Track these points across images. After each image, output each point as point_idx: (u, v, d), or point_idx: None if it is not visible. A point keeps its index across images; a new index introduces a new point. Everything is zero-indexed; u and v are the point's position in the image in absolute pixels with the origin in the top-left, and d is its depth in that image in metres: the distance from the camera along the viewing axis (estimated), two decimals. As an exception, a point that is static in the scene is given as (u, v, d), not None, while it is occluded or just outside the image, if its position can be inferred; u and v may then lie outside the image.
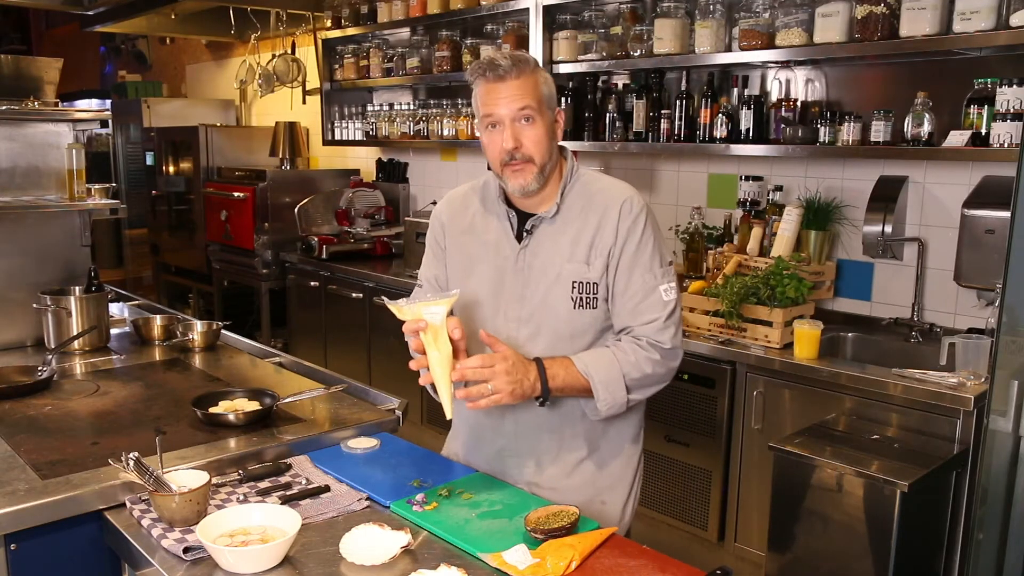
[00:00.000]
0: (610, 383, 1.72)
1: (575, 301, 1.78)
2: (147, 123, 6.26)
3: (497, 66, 1.71)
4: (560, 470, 1.85)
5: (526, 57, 1.75)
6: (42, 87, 3.57)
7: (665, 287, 1.78)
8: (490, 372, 1.63)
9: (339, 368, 2.63)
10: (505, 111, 1.71)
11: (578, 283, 1.77)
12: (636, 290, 1.77)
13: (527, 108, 1.71)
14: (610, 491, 1.89)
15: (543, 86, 1.75)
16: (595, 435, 1.86)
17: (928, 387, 2.44)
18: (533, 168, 1.74)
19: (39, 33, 9.59)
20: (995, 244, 2.60)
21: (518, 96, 1.71)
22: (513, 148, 1.72)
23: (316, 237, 4.80)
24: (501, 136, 1.73)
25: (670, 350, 1.78)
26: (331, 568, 1.41)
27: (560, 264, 1.78)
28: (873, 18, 2.71)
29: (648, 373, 1.75)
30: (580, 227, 1.79)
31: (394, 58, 4.73)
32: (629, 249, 1.77)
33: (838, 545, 2.42)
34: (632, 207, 1.79)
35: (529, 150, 1.73)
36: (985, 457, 2.05)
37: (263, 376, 2.48)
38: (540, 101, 1.74)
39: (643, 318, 1.77)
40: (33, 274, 2.80)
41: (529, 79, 1.72)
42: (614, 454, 1.89)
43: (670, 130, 3.44)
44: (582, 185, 1.83)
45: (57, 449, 1.84)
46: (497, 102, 1.72)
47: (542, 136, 1.74)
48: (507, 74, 1.71)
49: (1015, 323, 1.96)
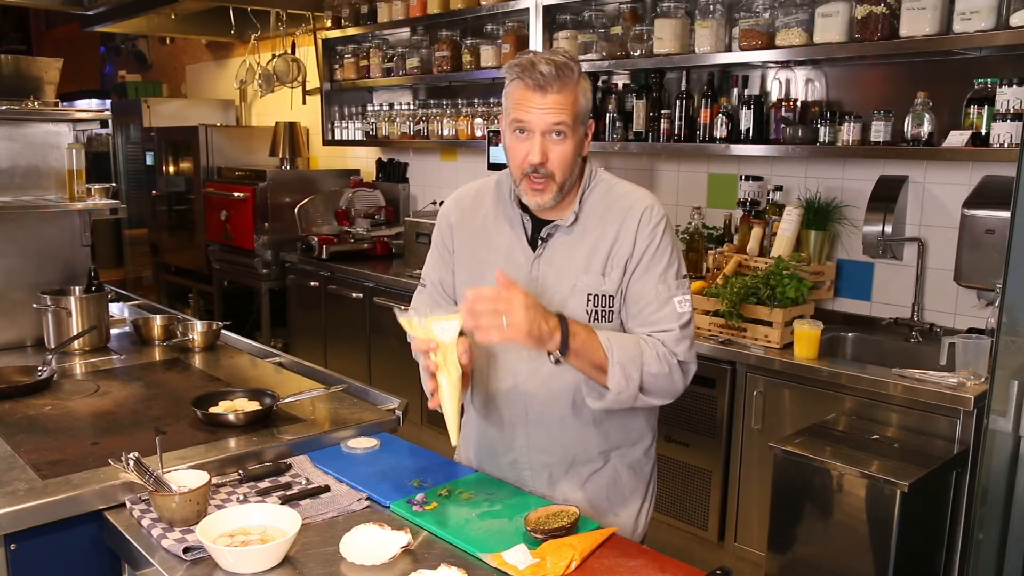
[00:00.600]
0: (628, 366, 1.61)
1: (590, 314, 1.72)
2: (147, 123, 6.26)
3: (540, 73, 1.59)
4: (573, 483, 1.82)
5: (571, 65, 1.63)
6: (42, 87, 3.56)
7: (680, 299, 1.71)
8: (506, 305, 1.50)
9: (339, 368, 2.63)
10: (539, 123, 1.62)
11: (594, 296, 1.72)
12: (650, 299, 1.71)
13: (562, 124, 1.62)
14: (623, 504, 1.86)
15: (582, 99, 1.65)
16: (608, 448, 1.83)
17: (928, 387, 2.44)
18: (553, 186, 1.66)
19: (39, 33, 9.59)
20: (995, 244, 2.60)
21: (555, 110, 1.61)
22: (539, 163, 1.63)
23: (316, 237, 4.80)
24: (528, 145, 1.64)
25: (683, 363, 1.71)
26: (331, 568, 1.41)
27: (576, 275, 1.72)
28: (873, 18, 2.71)
29: (666, 374, 1.67)
30: (598, 237, 1.73)
31: (394, 58, 4.73)
32: (646, 258, 1.71)
33: (838, 545, 2.42)
34: (652, 216, 1.73)
35: (554, 167, 1.64)
36: (985, 457, 2.05)
37: (263, 376, 2.48)
38: (576, 117, 1.64)
39: (658, 327, 1.70)
40: (33, 274, 2.80)
41: (570, 93, 1.62)
42: (627, 467, 1.86)
43: (670, 130, 3.44)
44: (601, 191, 1.77)
45: (57, 449, 1.84)
46: (531, 111, 1.61)
47: (570, 154, 1.65)
48: (548, 85, 1.60)
49: (1015, 323, 1.96)
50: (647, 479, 1.92)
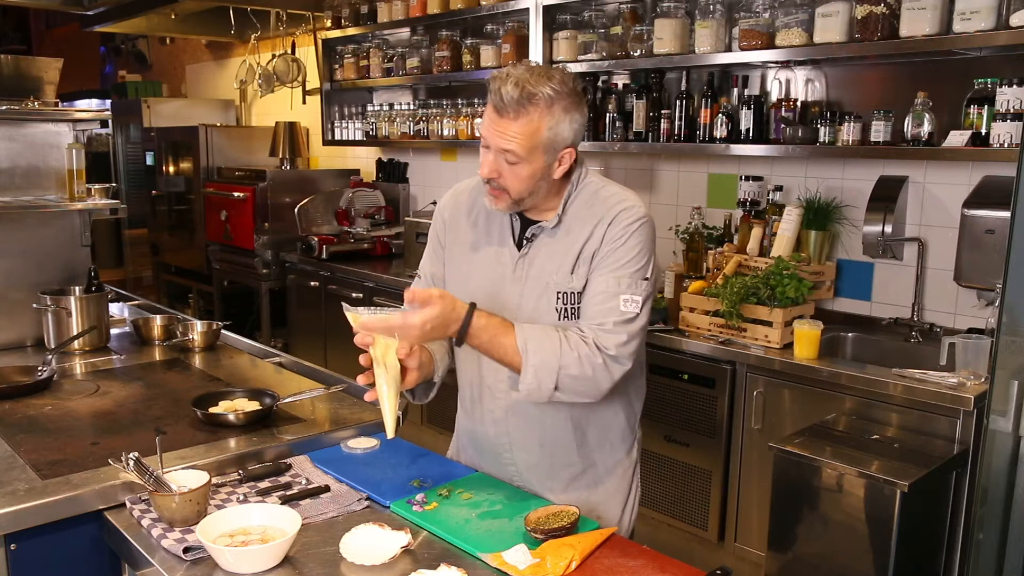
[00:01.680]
0: (540, 370, 1.63)
1: (559, 312, 1.74)
2: (147, 123, 6.26)
3: (500, 96, 1.61)
4: (556, 484, 1.85)
5: (539, 94, 1.61)
6: (42, 87, 3.56)
7: (627, 297, 1.69)
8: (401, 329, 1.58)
9: (339, 368, 2.62)
10: (495, 141, 1.66)
11: (562, 293, 1.74)
12: (597, 292, 1.71)
13: (510, 152, 1.64)
14: (604, 505, 1.88)
15: (546, 132, 1.63)
16: (588, 450, 1.85)
17: (928, 387, 2.44)
18: (507, 198, 1.70)
19: (39, 33, 9.59)
20: (995, 244, 2.60)
21: (508, 137, 1.63)
22: (489, 177, 1.69)
23: (316, 237, 4.80)
24: (485, 158, 1.69)
25: (612, 357, 1.67)
26: (331, 568, 1.41)
27: (550, 274, 1.75)
28: (873, 18, 2.71)
29: (588, 376, 1.66)
30: (576, 237, 1.75)
31: (394, 58, 4.73)
32: (605, 251, 1.72)
33: (838, 545, 2.42)
34: (627, 216, 1.72)
35: (506, 183, 1.68)
36: (985, 457, 2.05)
37: (263, 376, 2.48)
38: (534, 147, 1.64)
39: (595, 320, 1.70)
40: (33, 274, 2.80)
41: (529, 124, 1.62)
42: (609, 469, 1.89)
43: (670, 130, 3.44)
44: (588, 195, 1.77)
45: (57, 449, 1.84)
46: (488, 128, 1.66)
47: (524, 176, 1.67)
48: (504, 111, 1.62)
49: (1015, 323, 1.96)
50: (629, 481, 1.93)
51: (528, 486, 1.84)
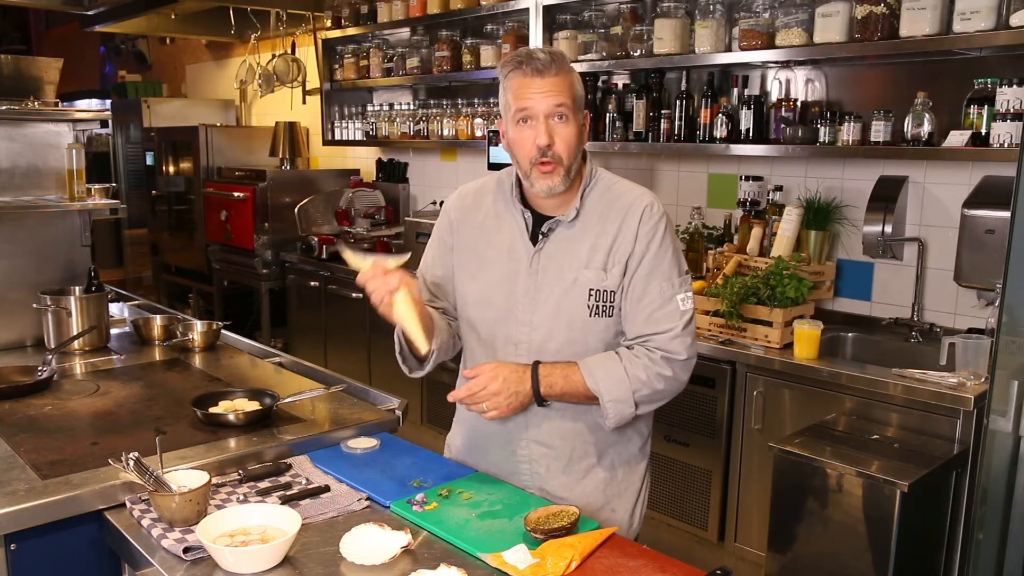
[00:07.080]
0: (619, 401, 1.72)
1: (591, 309, 1.76)
2: (147, 123, 6.26)
3: (536, 59, 1.66)
4: (571, 478, 1.84)
5: (563, 54, 1.72)
6: (42, 87, 3.56)
7: (682, 296, 1.76)
8: (483, 395, 1.67)
9: (339, 368, 2.63)
10: (542, 106, 1.67)
11: (595, 291, 1.75)
12: (653, 298, 1.74)
13: (563, 105, 1.68)
14: (619, 498, 1.89)
15: (577, 85, 1.72)
16: (605, 444, 1.86)
17: (928, 387, 2.44)
18: (561, 169, 1.71)
19: (39, 33, 9.59)
20: (995, 244, 2.60)
21: (555, 92, 1.67)
22: (546, 145, 1.68)
23: (316, 237, 4.80)
24: (534, 132, 1.68)
25: (684, 361, 1.75)
26: (331, 568, 1.41)
27: (576, 270, 1.76)
28: (873, 18, 2.71)
29: (659, 389, 1.74)
30: (599, 233, 1.76)
31: (394, 58, 4.73)
32: (648, 256, 1.75)
33: (838, 545, 2.42)
34: (652, 214, 1.77)
35: (560, 149, 1.69)
36: (985, 457, 2.05)
37: (263, 376, 2.48)
38: (575, 100, 1.70)
39: (659, 327, 1.73)
40: (33, 274, 2.80)
41: (567, 77, 1.69)
42: (623, 462, 1.89)
43: (670, 130, 3.44)
44: (601, 189, 1.80)
45: (57, 449, 1.84)
46: (533, 96, 1.67)
47: (573, 137, 1.70)
48: (546, 68, 1.66)
49: (1015, 323, 1.96)
50: (641, 476, 1.94)
51: (538, 481, 1.84)
